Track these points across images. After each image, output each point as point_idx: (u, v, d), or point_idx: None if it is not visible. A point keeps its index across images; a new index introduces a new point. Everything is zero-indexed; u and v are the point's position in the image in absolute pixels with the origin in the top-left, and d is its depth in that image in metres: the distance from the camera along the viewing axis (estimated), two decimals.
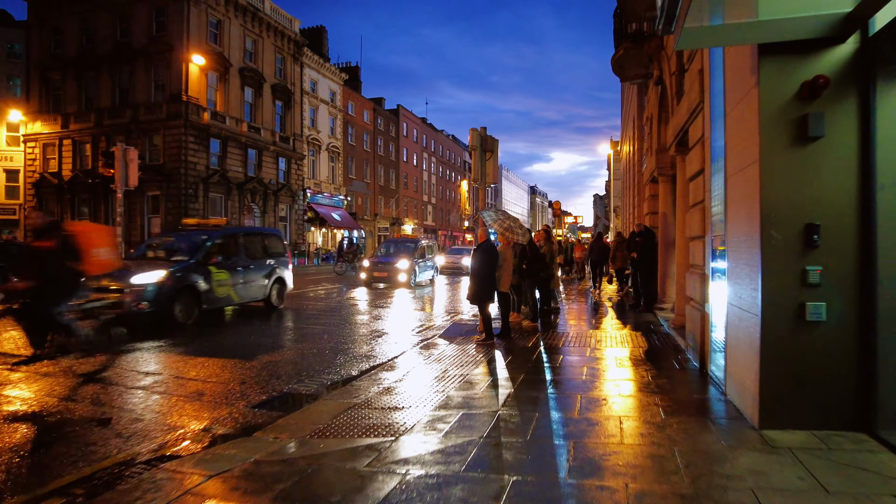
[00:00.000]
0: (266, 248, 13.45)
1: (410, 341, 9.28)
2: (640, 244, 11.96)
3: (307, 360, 7.78)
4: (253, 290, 12.51)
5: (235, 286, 11.85)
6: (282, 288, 13.62)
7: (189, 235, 12.08)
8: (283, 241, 14.45)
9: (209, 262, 11.24)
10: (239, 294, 12.02)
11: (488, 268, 8.61)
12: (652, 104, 12.32)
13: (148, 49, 34.26)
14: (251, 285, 12.44)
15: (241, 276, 12.10)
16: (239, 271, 12.04)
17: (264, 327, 10.86)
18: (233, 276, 11.78)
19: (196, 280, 10.75)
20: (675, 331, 8.72)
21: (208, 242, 11.49)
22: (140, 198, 34.43)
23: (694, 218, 6.83)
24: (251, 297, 12.53)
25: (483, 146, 9.77)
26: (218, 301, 11.42)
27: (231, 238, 12.32)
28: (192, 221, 13.94)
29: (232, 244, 12.21)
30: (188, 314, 10.47)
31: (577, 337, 8.99)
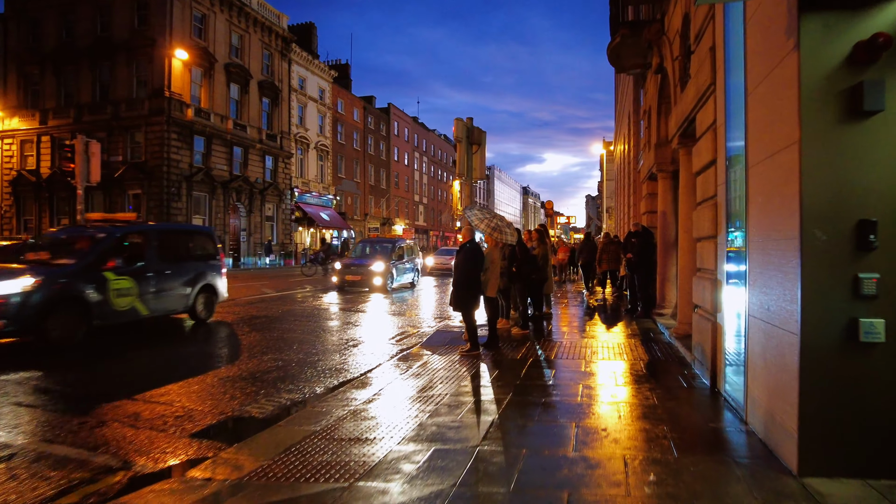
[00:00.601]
0: (191, 250, 11.35)
1: (387, 352, 8.45)
2: (637, 245, 11.19)
3: (268, 376, 6.94)
4: (170, 301, 10.26)
5: (144, 296, 9.59)
6: (211, 297, 11.33)
7: (82, 233, 9.97)
8: (214, 241, 12.12)
9: (103, 266, 9.10)
10: (149, 306, 9.72)
11: (473, 271, 7.80)
12: (650, 95, 11.56)
13: (129, 43, 33.23)
14: (167, 295, 10.16)
15: (153, 284, 9.83)
16: (149, 277, 9.77)
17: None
18: (140, 284, 9.53)
19: (83, 289, 8.64)
20: (679, 340, 7.94)
21: (104, 242, 9.34)
22: (121, 196, 33.45)
23: (703, 216, 6.04)
24: (167, 308, 10.27)
25: (469, 138, 8.96)
26: (117, 315, 9.19)
27: (138, 236, 10.06)
28: (96, 216, 11.54)
29: (139, 244, 9.95)
30: (69, 334, 8.31)
31: (570, 347, 8.19)
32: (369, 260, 18.67)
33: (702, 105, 6.16)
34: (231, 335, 9.94)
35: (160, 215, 32.32)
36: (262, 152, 40.10)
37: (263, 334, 9.86)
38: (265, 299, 15.49)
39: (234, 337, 9.75)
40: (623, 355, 7.50)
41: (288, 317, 12.05)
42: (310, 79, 47.03)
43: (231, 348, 8.79)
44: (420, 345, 8.83)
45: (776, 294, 3.67)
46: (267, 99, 41.31)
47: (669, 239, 10.79)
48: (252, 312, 12.71)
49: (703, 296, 6.00)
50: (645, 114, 12.65)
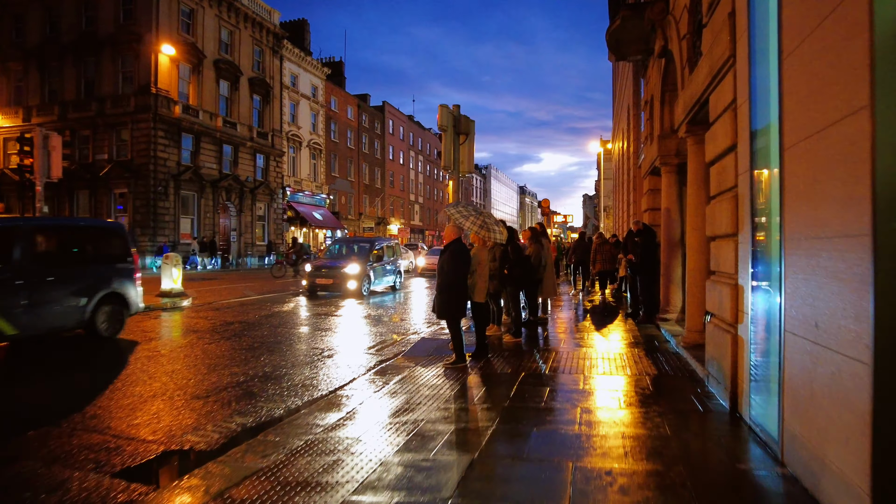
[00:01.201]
0: (88, 251, 9.46)
1: (364, 364, 7.62)
2: (640, 245, 10.37)
3: (224, 395, 6.10)
4: (53, 315, 8.36)
5: (9, 311, 7.70)
6: (118, 310, 9.37)
7: None
8: (124, 240, 10.08)
9: None
10: (18, 322, 7.78)
11: (458, 273, 6.98)
12: (653, 84, 10.74)
13: (115, 38, 32.37)
14: (48, 308, 8.28)
15: (24, 294, 7.89)
16: (18, 287, 7.86)
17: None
18: (4, 296, 7.70)
19: None
20: (688, 351, 7.12)
21: None
22: (107, 195, 32.59)
23: (719, 211, 5.23)
24: (50, 325, 8.38)
25: (456, 127, 8.15)
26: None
27: (4, 234, 8.06)
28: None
29: (2, 244, 7.96)
30: None
31: (567, 358, 7.37)
32: (343, 261, 16.90)
33: (717, 83, 5.34)
34: (184, 346, 9.10)
35: (147, 215, 31.48)
36: (253, 150, 39.23)
37: (221, 346, 9.03)
38: (230, 305, 14.64)
39: (183, 349, 8.91)
40: (626, 368, 6.68)
41: (255, 325, 11.20)
42: (302, 76, 46.17)
43: (185, 363, 7.95)
44: (401, 355, 8.00)
45: (830, 308, 2.86)
46: (258, 96, 40.44)
47: (674, 238, 9.99)
48: (210, 320, 11.87)
49: (721, 303, 5.18)
50: (646, 104, 11.84)
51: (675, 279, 10.04)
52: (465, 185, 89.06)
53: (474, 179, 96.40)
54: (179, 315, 12.31)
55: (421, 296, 17.75)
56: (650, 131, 11.45)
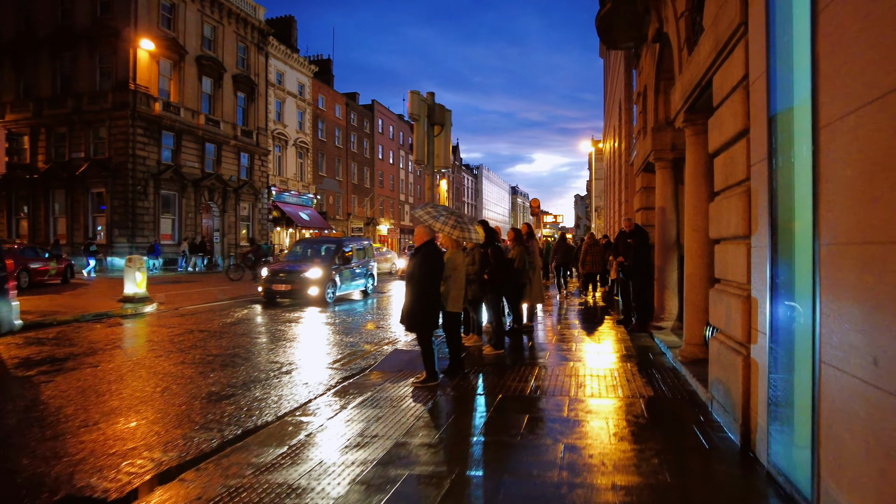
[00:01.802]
0: None
1: (324, 382, 6.79)
2: (634, 247, 9.59)
3: (162, 421, 5.26)
4: None
5: None
6: None
7: None
8: None
9: None
10: None
11: (429, 280, 6.16)
12: (646, 73, 9.98)
13: (92, 33, 31.31)
14: None
15: None
16: None
17: None
18: None
19: None
20: (686, 367, 6.33)
21: None
22: (84, 195, 31.53)
23: (727, 208, 4.44)
24: None
25: (430, 117, 7.33)
26: None
27: None
28: None
29: None
30: None
31: (552, 375, 6.56)
32: (304, 265, 15.21)
33: (724, 59, 4.55)
34: (129, 362, 8.22)
35: (125, 215, 30.49)
36: (237, 149, 38.24)
37: (171, 359, 8.17)
38: (197, 311, 13.76)
39: (128, 365, 8.04)
40: (617, 389, 5.87)
41: (215, 335, 10.34)
42: (288, 73, 45.20)
43: (119, 385, 7.08)
44: (369, 370, 7.18)
45: (892, 335, 2.06)
46: (242, 93, 39.46)
47: (669, 239, 9.22)
48: (169, 329, 11.00)
49: (728, 317, 4.39)
50: (639, 96, 11.08)
51: (671, 284, 9.27)
52: (455, 184, 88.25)
53: (465, 179, 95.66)
54: (139, 323, 11.42)
55: (396, 301, 16.56)
56: (643, 125, 10.68)
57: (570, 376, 6.45)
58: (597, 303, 14.57)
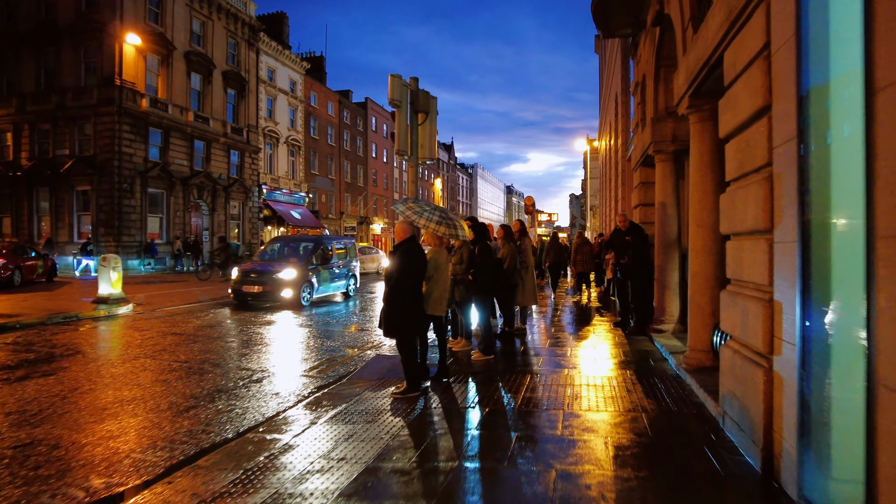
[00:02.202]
0: None
1: (297, 391, 6.22)
2: (632, 245, 9.04)
3: (111, 440, 4.67)
4: None
5: None
6: None
7: None
8: None
9: None
10: None
11: (410, 280, 5.60)
12: (644, 61, 9.44)
13: (76, 27, 30.57)
14: None
15: None
16: None
17: None
18: None
19: None
20: (692, 375, 5.78)
21: None
22: (69, 193, 30.80)
23: (742, 199, 3.90)
24: None
25: (414, 104, 6.76)
26: None
27: None
28: None
29: None
30: None
31: (545, 384, 6.00)
32: (278, 265, 14.08)
33: (738, 29, 4.00)
34: (87, 371, 7.63)
35: (111, 213, 29.77)
36: (227, 146, 37.54)
37: (133, 366, 7.58)
38: (175, 312, 13.15)
39: (86, 373, 7.44)
40: (616, 401, 5.31)
41: (189, 339, 9.75)
42: (280, 70, 44.52)
43: (66, 400, 6.49)
44: (347, 378, 6.62)
45: None
46: (232, 90, 38.74)
47: (670, 236, 8.69)
48: (141, 332, 10.40)
49: (745, 323, 3.84)
50: (637, 87, 10.54)
51: (671, 284, 8.74)
52: (450, 183, 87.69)
53: (460, 178, 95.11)
54: (111, 325, 10.81)
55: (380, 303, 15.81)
56: (641, 116, 10.15)
57: (565, 386, 5.89)
58: (592, 303, 14.03)
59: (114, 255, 13.25)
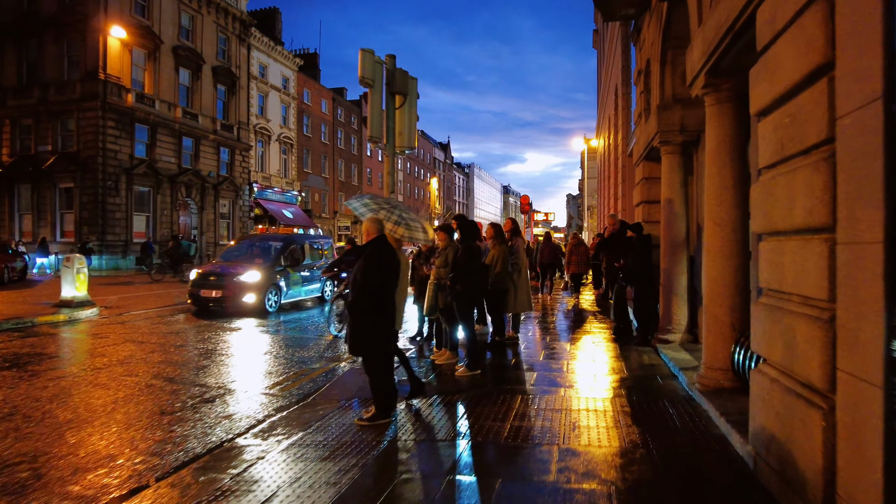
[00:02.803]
0: None
1: (253, 415, 5.36)
2: (636, 245, 8.19)
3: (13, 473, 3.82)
4: None
5: None
6: None
7: None
8: None
9: None
10: None
11: (378, 287, 4.75)
12: (649, 44, 8.60)
13: (59, 19, 29.64)
14: None
15: None
16: None
17: None
18: None
19: None
20: (708, 399, 4.94)
21: None
22: (51, 190, 29.88)
23: (786, 188, 3.06)
24: None
25: (390, 85, 5.91)
26: None
27: None
28: None
29: None
30: None
31: (537, 409, 5.14)
32: (240, 266, 12.48)
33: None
34: (20, 390, 6.75)
35: (95, 212, 28.85)
36: (217, 144, 36.62)
37: (76, 381, 6.72)
38: (146, 317, 12.28)
39: (17, 392, 6.57)
40: (621, 433, 4.45)
41: (136, 350, 8.89)
42: (272, 66, 43.60)
43: None
44: (312, 397, 5.78)
45: None
46: (223, 86, 37.81)
47: (677, 237, 7.86)
48: (99, 339, 9.53)
49: (791, 348, 3.00)
50: (640, 75, 9.70)
51: (679, 289, 7.90)
52: (447, 183, 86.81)
53: (456, 178, 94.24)
54: (69, 332, 9.93)
55: None
56: (645, 106, 9.32)
57: (561, 411, 5.04)
58: (589, 307, 13.20)
59: (78, 255, 12.36)
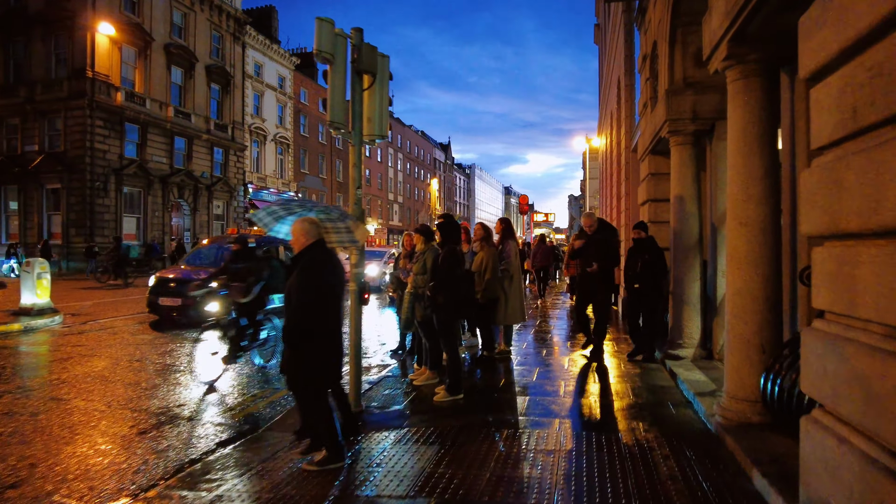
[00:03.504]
0: None
1: (187, 451, 4.47)
2: (651, 255, 7.16)
3: None
4: None
5: None
6: None
7: None
8: None
9: None
10: None
11: (318, 305, 3.81)
12: (655, 24, 7.70)
13: (46, 16, 28.83)
14: None
15: None
16: None
17: None
18: None
19: None
20: (734, 438, 4.03)
21: None
22: (38, 191, 29.08)
23: (862, 172, 2.17)
24: None
25: (357, 62, 5.05)
26: None
27: None
28: None
29: None
30: None
31: (525, 452, 4.22)
32: (204, 272, 11.22)
33: None
34: None
35: (83, 213, 28.03)
36: (210, 144, 35.79)
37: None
38: (109, 326, 11.39)
39: None
40: (631, 497, 3.54)
41: (83, 363, 8.01)
42: (268, 65, 42.78)
43: None
44: (264, 428, 4.88)
45: None
46: (216, 85, 36.98)
47: (689, 239, 6.96)
48: (54, 351, 8.64)
49: (872, 400, 2.10)
50: (645, 60, 8.80)
51: (691, 298, 7.00)
52: (447, 184, 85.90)
53: (457, 179, 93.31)
54: (17, 342, 9.06)
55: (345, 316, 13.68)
56: (651, 94, 8.42)
57: (553, 453, 4.13)
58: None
59: (40, 259, 11.48)
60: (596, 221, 7.37)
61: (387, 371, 6.96)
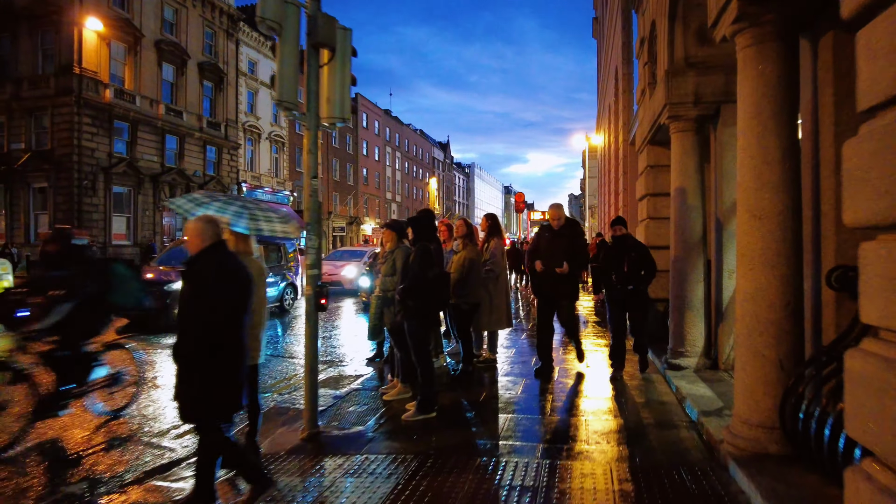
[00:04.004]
0: None
1: (110, 486, 3.81)
2: (636, 250, 6.51)
3: None
4: None
5: None
6: None
7: None
8: None
9: None
10: None
11: (219, 320, 3.06)
12: (654, 4, 7.02)
13: (32, 11, 28.15)
14: None
15: None
16: None
17: None
18: None
19: None
20: (747, 474, 3.35)
21: None
22: (24, 190, 28.41)
23: None
24: None
25: (312, 34, 4.38)
26: None
27: None
28: None
29: None
30: None
31: (499, 488, 3.56)
32: (174, 273, 10.62)
33: None
34: None
35: (70, 212, 27.33)
36: (203, 142, 35.10)
37: None
38: None
39: None
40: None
41: None
42: (262, 62, 42.09)
43: None
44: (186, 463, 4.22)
45: None
46: (209, 83, 36.29)
47: (692, 235, 6.28)
48: None
49: None
50: (643, 44, 8.13)
51: (694, 302, 6.32)
52: (446, 183, 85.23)
53: (456, 178, 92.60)
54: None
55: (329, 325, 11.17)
56: (650, 79, 7.75)
57: (532, 491, 3.46)
58: (587, 317, 11.60)
59: (2, 260, 10.81)
60: (564, 216, 6.44)
61: (359, 382, 6.30)
